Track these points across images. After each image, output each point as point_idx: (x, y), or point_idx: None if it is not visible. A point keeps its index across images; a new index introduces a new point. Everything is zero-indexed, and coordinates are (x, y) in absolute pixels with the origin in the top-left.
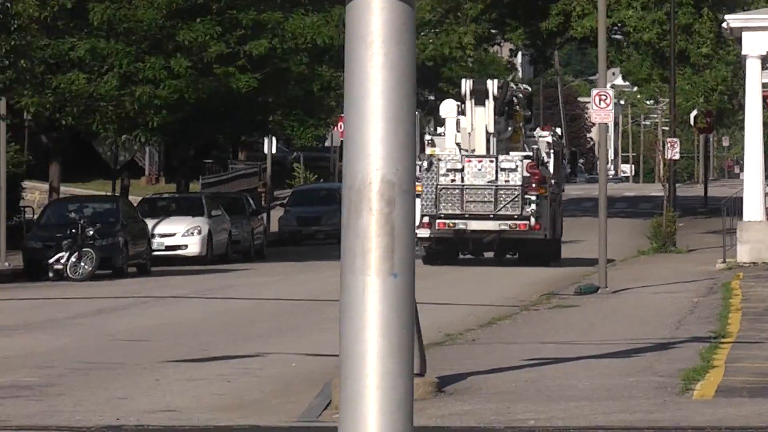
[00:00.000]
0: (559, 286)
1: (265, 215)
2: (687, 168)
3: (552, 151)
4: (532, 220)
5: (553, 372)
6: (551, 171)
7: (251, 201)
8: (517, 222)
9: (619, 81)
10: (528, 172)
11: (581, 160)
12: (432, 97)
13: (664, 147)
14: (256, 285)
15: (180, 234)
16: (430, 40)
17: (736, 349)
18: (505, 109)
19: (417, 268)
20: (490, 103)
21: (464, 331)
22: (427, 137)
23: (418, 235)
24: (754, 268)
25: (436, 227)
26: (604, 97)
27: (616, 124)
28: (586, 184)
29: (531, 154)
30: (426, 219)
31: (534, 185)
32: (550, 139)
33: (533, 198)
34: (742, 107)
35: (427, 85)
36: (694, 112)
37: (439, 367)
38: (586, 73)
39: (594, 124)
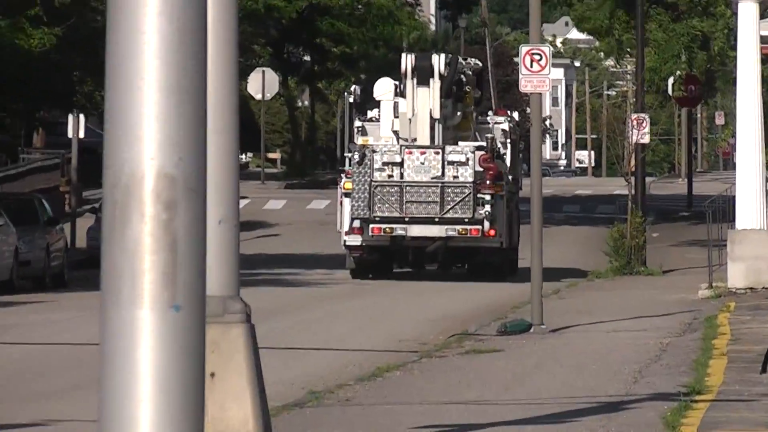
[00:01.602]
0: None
1: (68, 225)
2: (667, 156)
3: (509, 140)
4: (486, 224)
5: None
6: (508, 165)
7: (47, 205)
8: (468, 227)
9: (574, 34)
10: (481, 166)
11: None
12: (307, 58)
13: (627, 126)
14: (51, 324)
15: None
16: None
17: (714, 410)
18: (453, 90)
19: (340, 285)
20: (435, 83)
21: (336, 387)
22: (358, 124)
23: (347, 243)
24: (751, 296)
25: (370, 233)
26: (537, 57)
27: (569, 94)
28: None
29: (485, 144)
30: (357, 223)
31: (488, 182)
32: (506, 125)
33: (487, 198)
34: None
35: (300, 41)
36: (671, 78)
37: None
38: (526, 23)
39: (525, 95)
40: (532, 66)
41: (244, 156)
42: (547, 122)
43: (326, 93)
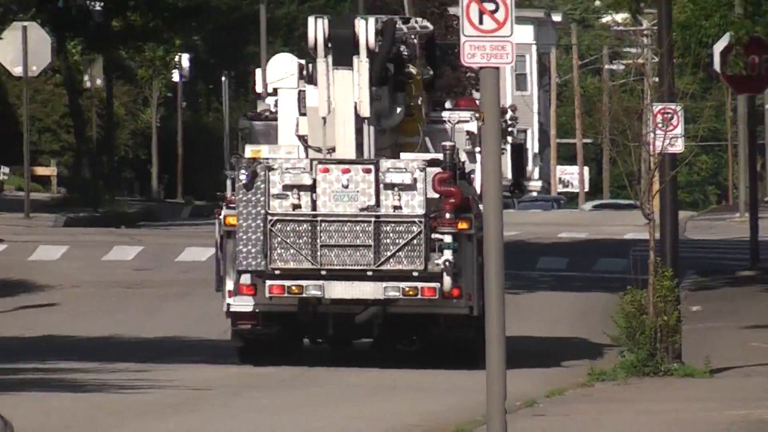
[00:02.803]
0: None
1: None
2: (715, 176)
3: (476, 146)
4: (447, 280)
5: None
6: (478, 186)
7: None
8: (419, 284)
9: None
10: (437, 190)
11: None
12: (99, 6)
13: (646, 124)
14: None
15: None
16: None
17: None
18: (389, 72)
19: (164, 390)
20: (362, 63)
21: None
22: (244, 123)
23: (232, 308)
24: None
25: (267, 294)
26: (491, 7)
27: (544, 70)
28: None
29: (441, 156)
30: (247, 279)
31: (448, 215)
32: (473, 125)
33: (447, 240)
34: None
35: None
36: (722, 42)
37: None
38: None
39: (470, 71)
40: (481, 22)
41: None
42: (508, 116)
43: (132, 66)
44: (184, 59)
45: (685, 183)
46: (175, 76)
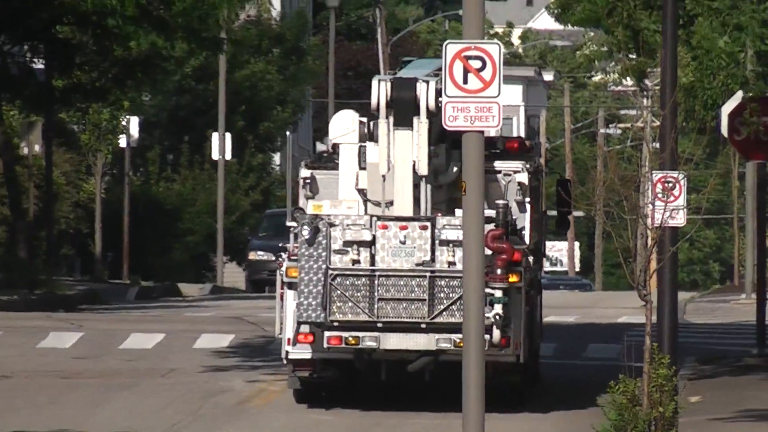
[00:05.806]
0: None
1: None
2: (718, 252)
3: (527, 198)
4: (496, 332)
5: None
6: (527, 237)
7: None
8: None
9: (544, 21)
10: (490, 247)
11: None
12: (40, 64)
13: (644, 194)
14: None
15: None
16: None
17: None
18: (447, 132)
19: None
20: (422, 124)
21: None
22: (305, 173)
23: (291, 356)
24: None
25: (325, 343)
26: (477, 64)
27: (531, 135)
28: None
29: (493, 213)
30: (306, 328)
31: (500, 271)
32: (524, 175)
33: (498, 294)
34: None
35: (25, 31)
36: (730, 102)
37: None
38: (454, 3)
39: (453, 133)
40: (466, 81)
41: None
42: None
43: (75, 130)
44: (133, 123)
45: (685, 260)
46: (122, 142)
